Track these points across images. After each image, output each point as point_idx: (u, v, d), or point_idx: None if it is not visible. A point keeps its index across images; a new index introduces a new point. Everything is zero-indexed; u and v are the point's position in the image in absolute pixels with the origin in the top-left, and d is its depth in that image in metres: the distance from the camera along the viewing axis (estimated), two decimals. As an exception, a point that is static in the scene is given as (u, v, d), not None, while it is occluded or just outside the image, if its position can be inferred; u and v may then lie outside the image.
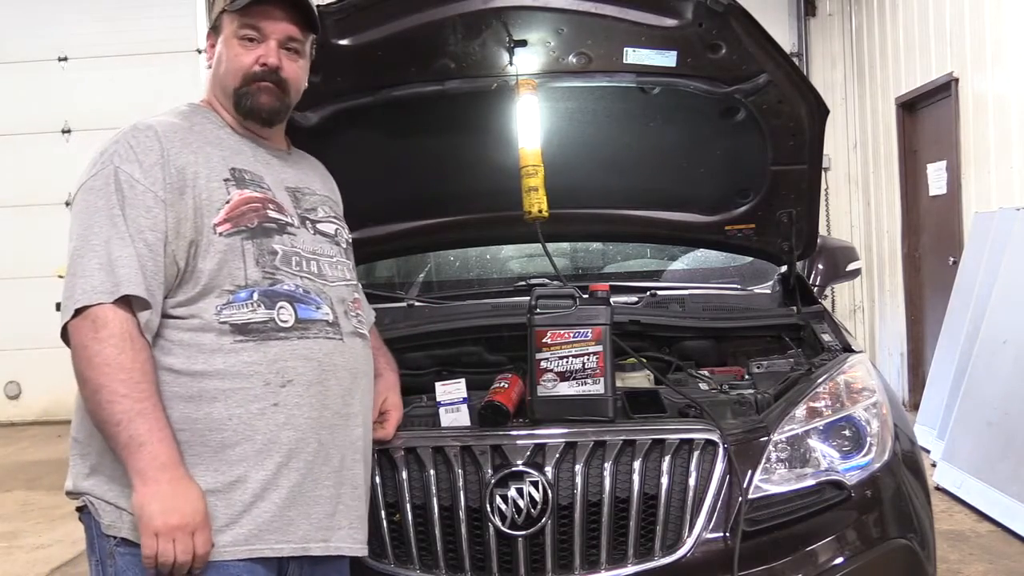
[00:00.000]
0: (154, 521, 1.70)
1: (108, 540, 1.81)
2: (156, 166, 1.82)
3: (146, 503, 1.70)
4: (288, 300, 1.88)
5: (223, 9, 1.97)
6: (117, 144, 1.84)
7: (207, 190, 1.85)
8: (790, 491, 2.24)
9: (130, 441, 1.70)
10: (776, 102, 2.72)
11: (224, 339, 1.81)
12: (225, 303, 1.82)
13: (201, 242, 1.82)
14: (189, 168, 1.85)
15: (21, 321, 8.61)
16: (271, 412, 1.82)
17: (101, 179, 1.81)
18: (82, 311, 1.73)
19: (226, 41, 1.98)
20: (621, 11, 2.56)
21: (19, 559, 4.86)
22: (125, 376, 1.71)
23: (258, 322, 1.83)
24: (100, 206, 1.79)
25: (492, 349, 2.91)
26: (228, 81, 1.98)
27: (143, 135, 1.85)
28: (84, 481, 1.85)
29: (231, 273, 1.83)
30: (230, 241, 1.84)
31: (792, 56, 8.12)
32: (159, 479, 1.71)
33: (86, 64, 9.01)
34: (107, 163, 1.82)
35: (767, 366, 2.74)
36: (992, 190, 5.81)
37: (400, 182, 3.07)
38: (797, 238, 3.02)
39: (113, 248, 1.75)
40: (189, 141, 1.89)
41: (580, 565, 2.15)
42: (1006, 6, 5.58)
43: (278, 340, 1.84)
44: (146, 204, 1.79)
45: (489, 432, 2.28)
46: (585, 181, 3.05)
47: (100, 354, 1.71)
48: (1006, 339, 4.94)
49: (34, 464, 7.23)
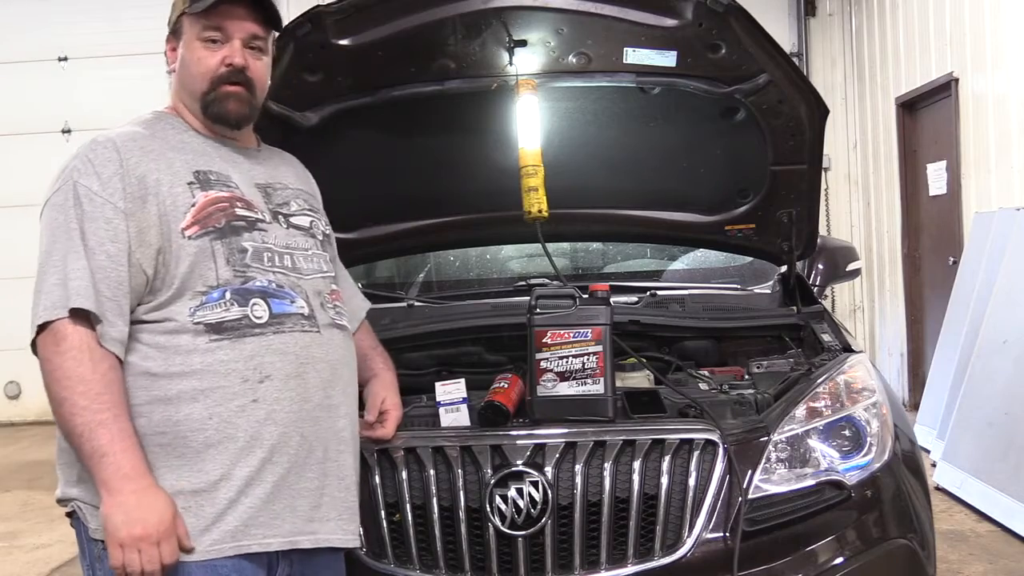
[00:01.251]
0: (119, 532, 1.71)
1: (96, 544, 1.81)
2: (115, 177, 1.82)
3: (111, 514, 1.72)
4: (261, 296, 1.88)
5: (182, 12, 1.96)
6: (76, 159, 1.85)
7: (171, 196, 1.85)
8: (790, 491, 2.24)
9: (93, 452, 1.72)
10: (776, 102, 2.72)
11: (199, 339, 1.82)
12: (198, 304, 1.83)
13: (171, 248, 1.83)
14: (150, 176, 1.85)
15: (21, 321, 8.56)
16: (251, 408, 1.83)
17: (61, 195, 1.82)
18: (45, 327, 1.77)
19: (188, 44, 1.97)
20: (621, 11, 2.56)
21: (19, 559, 4.86)
22: (84, 388, 1.73)
23: (232, 320, 1.84)
24: (60, 222, 1.81)
25: (492, 349, 2.91)
26: (195, 85, 1.97)
27: (100, 148, 1.86)
28: (72, 488, 1.86)
29: (202, 275, 1.84)
30: (199, 243, 1.85)
31: (792, 56, 8.12)
32: (123, 489, 1.72)
33: (86, 64, 9.01)
34: (67, 179, 1.83)
35: (767, 366, 2.74)
36: (992, 190, 5.81)
37: (400, 182, 3.07)
38: (797, 238, 3.02)
39: (69, 262, 1.78)
40: (150, 149, 1.88)
41: (580, 565, 2.15)
42: (1006, 6, 5.58)
43: (253, 336, 1.85)
44: (105, 216, 1.80)
45: (489, 432, 2.28)
46: (585, 181, 3.04)
47: (60, 367, 1.74)
48: (1006, 339, 4.94)
49: (34, 464, 7.23)
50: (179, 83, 2.00)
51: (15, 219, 9.02)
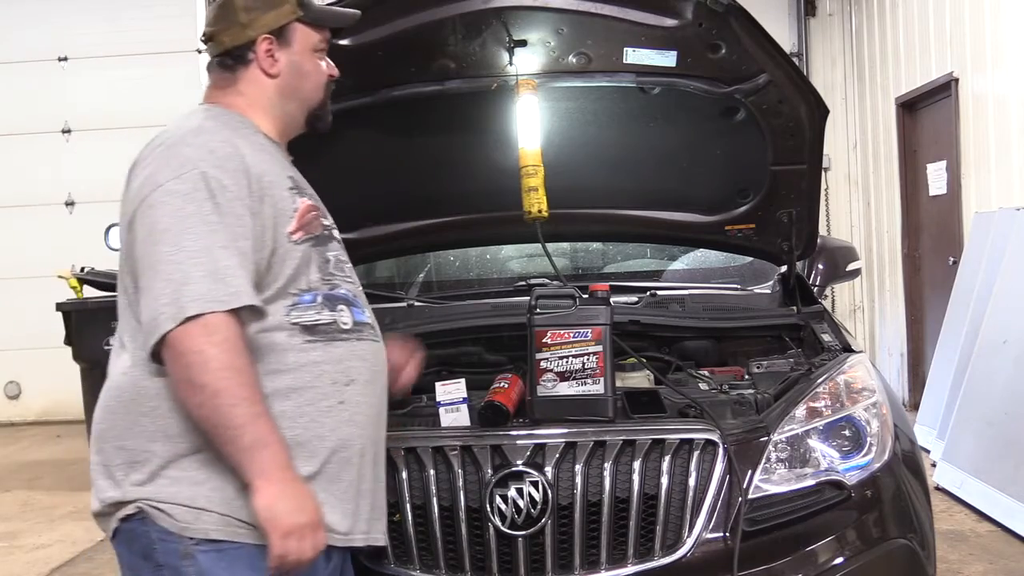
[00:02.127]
0: (283, 520, 1.69)
1: (182, 542, 1.76)
2: (239, 172, 1.78)
3: (274, 503, 1.69)
4: (345, 304, 1.92)
5: (297, 18, 1.93)
6: (191, 147, 1.79)
7: (280, 199, 1.84)
8: (790, 491, 2.24)
9: (254, 443, 1.69)
10: (776, 102, 2.72)
11: (294, 339, 1.83)
12: (291, 304, 1.84)
13: (279, 250, 1.83)
14: (265, 176, 1.83)
15: (21, 321, 8.61)
16: (337, 410, 1.86)
17: (187, 183, 1.74)
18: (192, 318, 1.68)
19: (303, 53, 1.95)
20: (621, 11, 2.56)
21: (19, 559, 4.86)
22: (243, 379, 1.69)
23: (324, 323, 1.87)
24: (191, 212, 1.73)
25: (492, 349, 2.91)
26: (311, 94, 1.98)
27: (219, 141, 1.81)
28: (140, 488, 1.79)
29: (300, 279, 1.86)
30: (303, 248, 1.86)
31: (792, 56, 8.12)
32: (283, 479, 1.71)
33: (86, 64, 9.01)
34: (191, 167, 1.75)
35: (767, 366, 2.74)
36: (992, 190, 5.81)
37: (400, 182, 3.07)
38: (797, 238, 3.02)
39: (217, 256, 1.71)
40: (253, 149, 1.85)
41: (580, 565, 2.15)
42: (1006, 6, 5.58)
43: (341, 341, 1.88)
44: (236, 212, 1.76)
45: (489, 432, 2.28)
46: (585, 181, 3.05)
47: (216, 358, 1.67)
48: (1006, 339, 4.94)
49: (34, 464, 7.24)
50: (287, 90, 1.96)
51: (15, 219, 9.03)
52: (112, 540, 1.87)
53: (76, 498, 5.98)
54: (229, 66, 1.95)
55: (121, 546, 1.85)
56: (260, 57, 1.93)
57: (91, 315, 6.05)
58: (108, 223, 8.97)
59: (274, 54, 1.94)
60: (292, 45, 1.95)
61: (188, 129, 1.84)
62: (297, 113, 1.99)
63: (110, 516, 1.83)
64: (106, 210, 9.51)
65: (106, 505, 1.83)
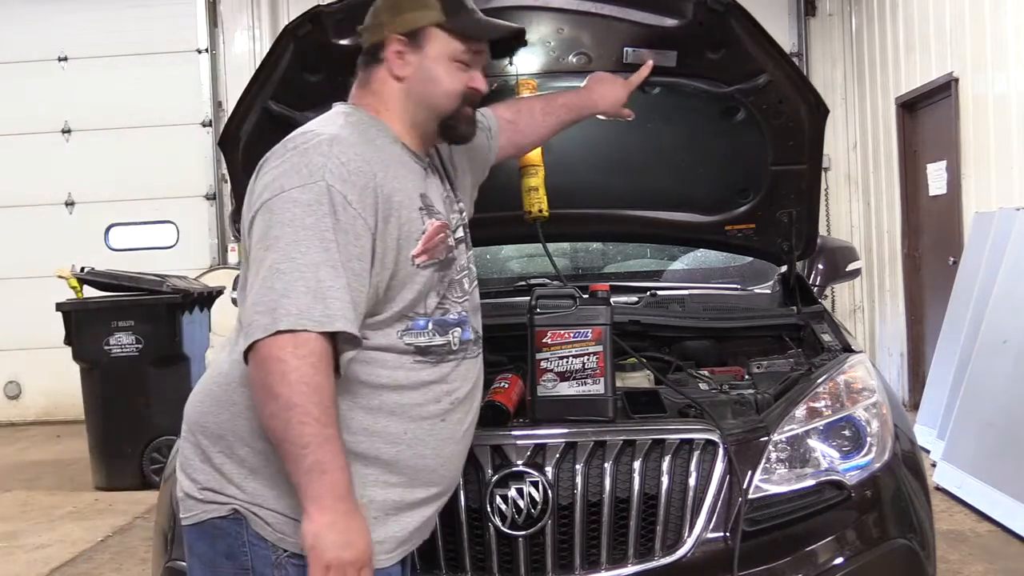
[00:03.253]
0: (328, 553, 1.64)
1: (275, 551, 1.76)
2: (367, 191, 1.74)
3: (322, 532, 1.64)
4: (457, 326, 1.91)
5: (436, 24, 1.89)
6: (322, 157, 1.74)
7: (408, 220, 1.80)
8: (790, 491, 2.24)
9: (314, 466, 1.63)
10: (776, 102, 2.72)
11: (405, 358, 1.82)
12: (405, 328, 1.83)
13: (399, 273, 1.79)
14: (395, 196, 1.78)
15: (21, 321, 8.61)
16: (439, 428, 1.86)
17: (311, 193, 1.70)
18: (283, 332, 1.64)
19: (439, 59, 1.89)
20: (621, 11, 2.56)
21: (19, 559, 4.86)
22: (319, 398, 1.64)
23: (436, 345, 1.86)
24: (309, 224, 1.68)
25: (492, 349, 2.91)
26: (442, 103, 1.90)
27: (351, 154, 1.76)
28: (239, 487, 1.78)
29: (417, 305, 1.84)
30: (427, 273, 1.83)
31: (792, 56, 8.12)
32: (336, 509, 1.65)
33: (86, 64, 9.01)
34: (318, 178, 1.71)
35: (767, 366, 2.74)
36: (992, 190, 5.81)
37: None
38: (797, 238, 3.02)
39: (323, 274, 1.66)
40: (387, 164, 1.81)
41: (580, 565, 2.15)
42: (1006, 6, 5.58)
43: (449, 362, 1.88)
44: (356, 231, 1.71)
45: (489, 432, 2.28)
46: (585, 181, 3.05)
47: (298, 371, 1.62)
48: (1006, 339, 4.94)
49: (34, 464, 7.24)
50: (414, 95, 1.90)
51: (15, 219, 9.04)
52: (190, 526, 1.83)
53: (76, 498, 5.98)
54: (366, 64, 1.94)
55: (202, 539, 1.82)
56: (389, 58, 1.89)
57: (91, 315, 6.06)
58: (108, 223, 9.07)
59: (404, 56, 1.89)
60: (425, 49, 1.89)
61: (325, 137, 1.78)
62: (428, 120, 1.92)
63: (200, 503, 1.81)
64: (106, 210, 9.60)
65: (201, 489, 1.80)
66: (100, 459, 6.14)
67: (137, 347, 6.02)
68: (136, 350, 6.02)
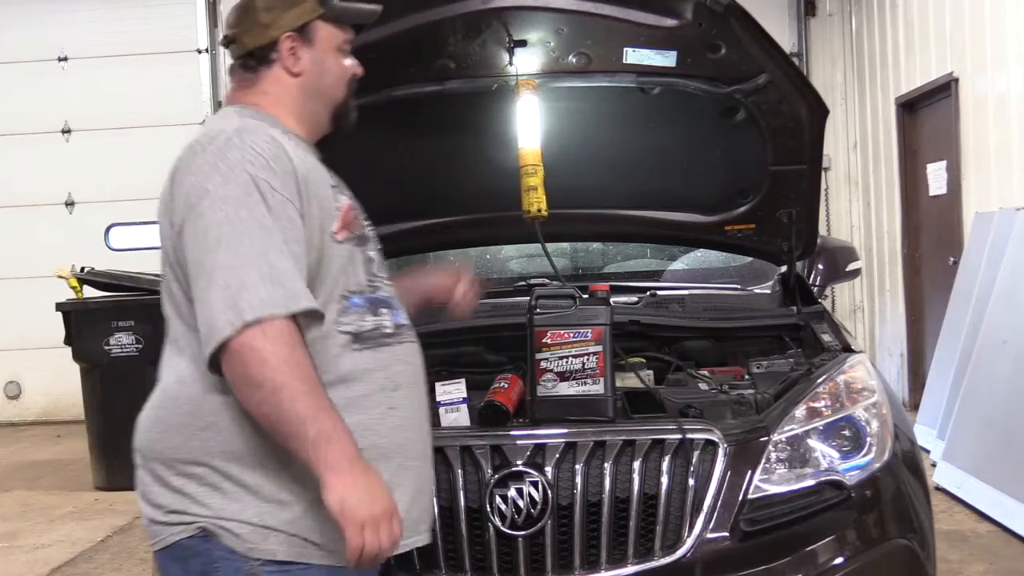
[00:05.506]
0: (359, 512, 1.64)
1: (247, 562, 1.73)
2: (288, 175, 1.75)
3: (346, 495, 1.64)
4: (386, 307, 1.90)
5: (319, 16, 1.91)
6: (239, 149, 1.75)
7: (325, 198, 1.82)
8: (790, 491, 2.24)
9: (319, 437, 1.64)
10: (776, 102, 2.72)
11: (344, 347, 1.81)
12: (341, 309, 1.82)
13: (325, 250, 1.80)
14: (311, 176, 1.80)
15: (21, 321, 8.61)
16: (389, 416, 1.84)
17: (238, 188, 1.71)
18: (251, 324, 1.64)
19: (327, 51, 1.93)
20: (621, 11, 2.56)
21: (19, 559, 4.86)
22: (303, 373, 1.65)
23: (368, 329, 1.85)
24: (244, 217, 1.69)
25: (492, 349, 2.91)
26: (336, 93, 1.96)
27: (265, 141, 1.77)
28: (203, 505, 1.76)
29: (346, 280, 1.83)
30: (346, 248, 1.84)
31: (792, 56, 8.12)
32: (353, 470, 1.66)
33: (86, 64, 9.01)
34: (240, 170, 1.72)
35: (767, 366, 2.74)
36: (992, 190, 5.81)
37: (400, 182, 3.07)
38: (797, 238, 3.02)
39: (272, 260, 1.68)
40: (296, 146, 1.83)
41: (580, 565, 2.15)
42: (1006, 6, 5.58)
43: (386, 346, 1.87)
44: (288, 215, 1.73)
45: (489, 432, 2.28)
46: (585, 181, 3.05)
47: (275, 355, 1.63)
48: (1006, 339, 4.94)
49: (34, 464, 7.23)
50: (308, 88, 1.93)
51: (15, 219, 9.04)
52: (160, 551, 1.81)
53: (76, 498, 5.98)
54: (252, 67, 1.93)
55: (174, 561, 1.80)
56: (283, 56, 1.90)
57: (91, 315, 6.06)
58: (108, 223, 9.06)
59: (297, 52, 1.91)
60: (315, 43, 1.93)
61: (231, 130, 1.79)
62: (322, 111, 1.97)
63: (167, 526, 1.79)
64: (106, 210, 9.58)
65: (167, 512, 1.79)
66: (100, 459, 6.14)
67: (137, 347, 6.02)
68: (136, 350, 6.01)
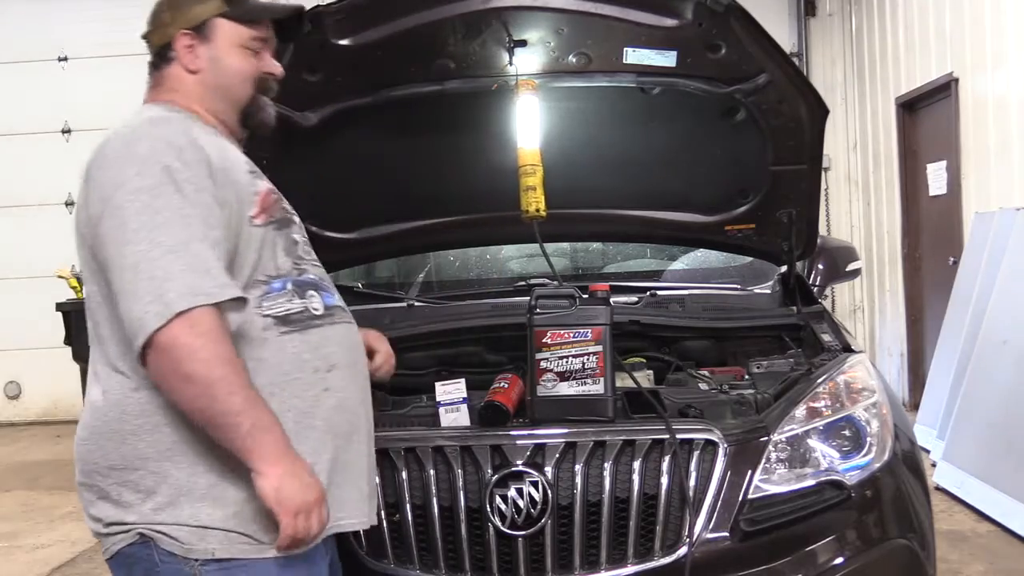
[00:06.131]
0: (295, 500, 1.69)
1: (187, 563, 1.74)
2: (201, 163, 1.76)
3: (282, 484, 1.68)
4: (314, 288, 1.90)
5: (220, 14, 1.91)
6: (151, 141, 1.75)
7: (241, 184, 1.83)
8: (790, 491, 2.24)
9: (253, 428, 1.67)
10: (776, 102, 2.72)
11: (269, 332, 1.81)
12: (262, 294, 1.82)
13: (242, 235, 1.80)
14: (225, 163, 1.81)
15: (21, 321, 8.61)
16: (324, 397, 1.84)
17: (152, 178, 1.71)
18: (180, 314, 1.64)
19: (227, 49, 1.92)
20: (621, 11, 2.56)
21: (19, 559, 4.86)
22: (234, 367, 1.67)
23: (296, 312, 1.85)
24: (160, 206, 1.69)
25: (492, 349, 2.91)
26: (238, 92, 1.94)
27: (174, 130, 1.78)
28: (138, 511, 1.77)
29: (265, 264, 1.83)
30: (264, 232, 1.84)
31: (792, 56, 8.12)
32: (285, 460, 1.70)
33: (86, 64, 9.00)
34: (153, 162, 1.72)
35: (767, 366, 2.74)
36: (992, 190, 5.81)
37: (400, 182, 3.07)
38: (797, 238, 3.02)
39: (195, 249, 1.68)
40: (208, 135, 1.83)
41: (580, 565, 2.15)
42: (1006, 6, 5.58)
43: (316, 328, 1.87)
44: (204, 203, 1.73)
45: (489, 432, 2.28)
46: (585, 181, 3.04)
47: (205, 348, 1.64)
48: (1006, 339, 4.94)
49: (34, 464, 7.23)
50: (209, 86, 1.92)
51: (15, 219, 9.03)
52: (109, 560, 1.83)
53: (76, 498, 5.93)
54: (158, 66, 1.96)
55: (120, 569, 1.82)
56: (180, 53, 1.91)
57: (91, 315, 6.05)
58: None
59: (194, 49, 1.91)
60: (213, 40, 1.92)
61: (140, 124, 1.80)
62: (228, 111, 1.95)
63: (109, 537, 1.81)
64: (106, 210, 9.47)
65: (106, 524, 1.80)
66: (100, 459, 6.13)
67: (137, 347, 6.00)
68: (136, 350, 6.00)
